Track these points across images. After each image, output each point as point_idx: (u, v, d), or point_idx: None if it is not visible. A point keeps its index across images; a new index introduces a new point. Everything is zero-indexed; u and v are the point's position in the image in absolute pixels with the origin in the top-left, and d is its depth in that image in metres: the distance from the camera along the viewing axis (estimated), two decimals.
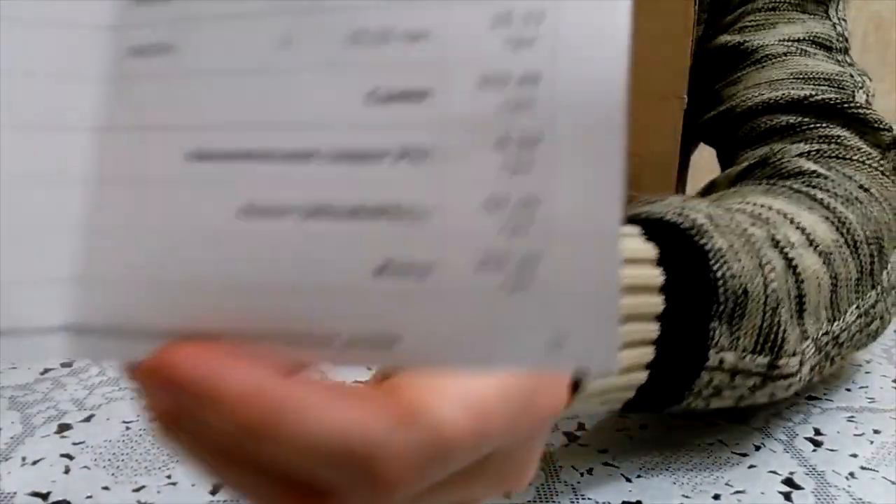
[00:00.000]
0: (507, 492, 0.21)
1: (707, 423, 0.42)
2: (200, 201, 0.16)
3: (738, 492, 0.36)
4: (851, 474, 0.38)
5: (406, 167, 0.15)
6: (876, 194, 0.43)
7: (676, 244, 0.33)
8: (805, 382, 0.38)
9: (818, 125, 0.48)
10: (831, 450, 0.40)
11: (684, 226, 0.34)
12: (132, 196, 0.16)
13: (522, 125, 0.14)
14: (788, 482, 0.37)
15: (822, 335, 0.38)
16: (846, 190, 0.42)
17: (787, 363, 0.35)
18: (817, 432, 0.42)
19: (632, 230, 0.33)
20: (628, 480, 0.37)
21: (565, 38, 0.14)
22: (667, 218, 0.34)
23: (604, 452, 0.40)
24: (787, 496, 0.36)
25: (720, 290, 0.33)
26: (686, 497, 0.36)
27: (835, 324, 0.38)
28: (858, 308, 0.40)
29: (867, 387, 0.48)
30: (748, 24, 0.54)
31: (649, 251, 0.31)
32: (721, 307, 0.33)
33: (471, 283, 0.15)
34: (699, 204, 0.36)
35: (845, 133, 0.47)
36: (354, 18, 0.15)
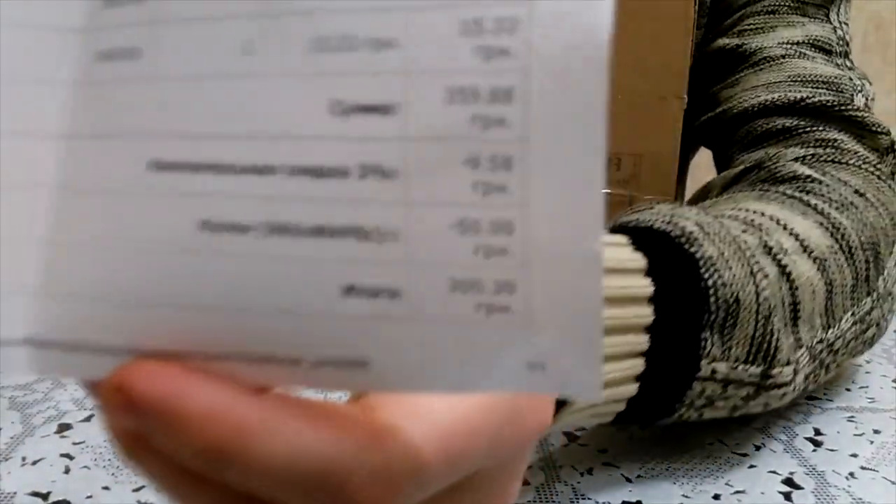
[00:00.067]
0: None
1: (707, 423, 0.42)
2: (161, 214, 0.15)
3: (738, 492, 0.36)
4: (851, 474, 0.38)
5: (371, 185, 0.14)
6: (872, 199, 0.43)
7: (666, 253, 0.32)
8: (800, 391, 0.37)
9: (815, 128, 0.47)
10: (831, 450, 0.40)
11: (673, 234, 0.33)
12: (95, 207, 0.15)
13: (494, 142, 0.13)
14: (788, 482, 0.37)
15: (817, 343, 0.37)
16: (841, 195, 0.42)
17: (781, 372, 0.34)
18: (817, 432, 0.42)
19: (620, 239, 0.32)
20: (628, 480, 0.37)
21: (540, 49, 0.13)
22: (656, 226, 0.34)
23: (604, 452, 0.39)
24: (787, 496, 0.36)
25: (711, 300, 0.32)
26: (686, 497, 0.36)
27: (829, 331, 0.38)
28: (854, 315, 0.40)
29: (867, 387, 0.48)
30: (747, 27, 0.53)
31: (638, 261, 0.31)
32: (712, 316, 0.32)
33: (443, 307, 0.14)
34: (688, 211, 0.35)
35: (842, 136, 0.47)
36: (317, 24, 0.14)
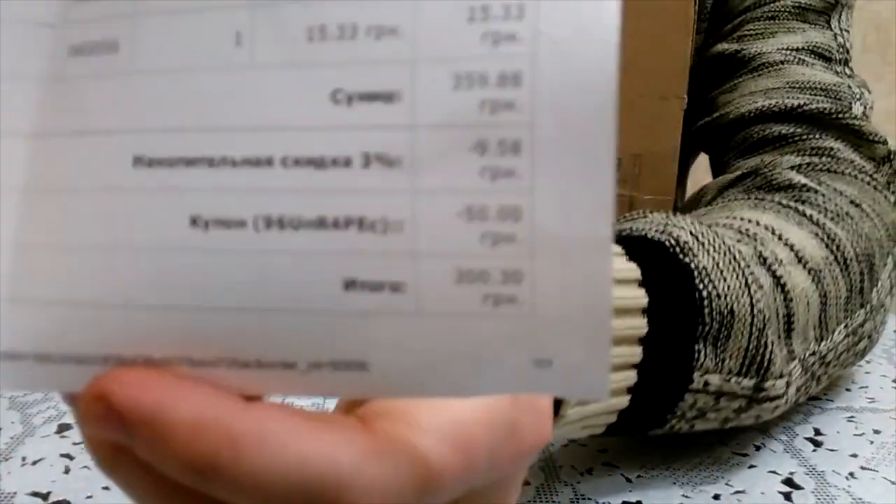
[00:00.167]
0: None
1: None
2: (147, 213, 0.14)
3: (738, 492, 0.36)
4: (851, 474, 0.38)
5: (374, 174, 0.13)
6: (867, 210, 0.42)
7: (660, 263, 0.32)
8: (791, 404, 0.37)
9: (811, 136, 0.47)
10: (831, 450, 0.40)
11: (668, 244, 0.33)
12: (71, 207, 0.15)
13: (503, 127, 0.13)
14: (788, 482, 0.37)
15: (810, 356, 0.37)
16: (837, 205, 0.41)
17: (774, 385, 0.34)
18: (817, 432, 0.42)
19: (614, 249, 0.32)
20: (628, 480, 0.37)
21: (548, 33, 0.13)
22: (650, 235, 0.34)
23: (604, 452, 0.39)
24: (787, 496, 0.36)
25: (705, 311, 0.32)
26: (686, 497, 0.36)
27: (822, 343, 0.38)
28: (847, 327, 0.39)
29: (867, 387, 0.48)
30: (747, 33, 0.53)
31: (633, 271, 0.31)
32: (706, 328, 0.32)
33: (449, 300, 0.14)
34: (683, 220, 0.35)
35: (839, 145, 0.46)
36: (314, 13, 0.14)
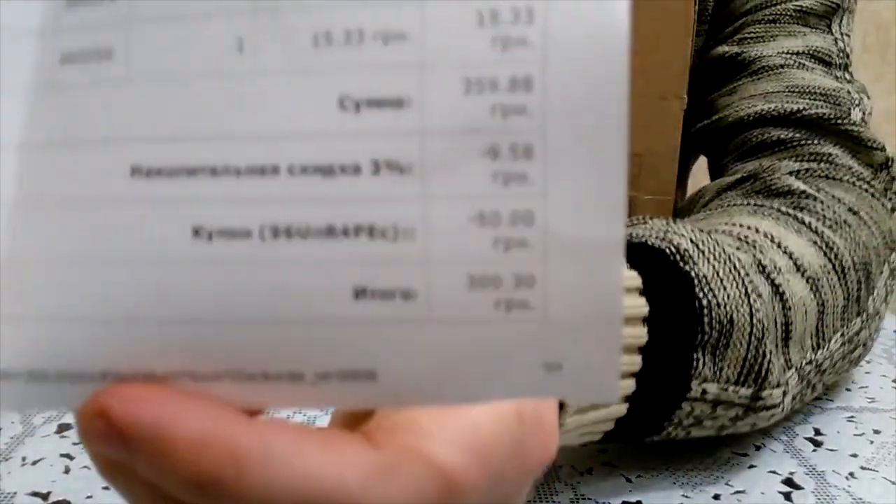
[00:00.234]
0: None
1: None
2: (146, 224, 0.14)
3: (738, 492, 0.36)
4: (851, 474, 0.38)
5: (385, 181, 0.13)
6: (865, 217, 0.42)
7: (660, 271, 0.32)
8: (787, 412, 0.37)
9: (809, 141, 0.47)
10: (831, 450, 0.40)
11: (668, 251, 0.33)
12: (64, 220, 0.14)
13: (514, 132, 0.13)
14: (788, 482, 0.37)
15: (806, 364, 0.37)
16: (835, 213, 0.41)
17: (771, 395, 0.34)
18: (817, 432, 0.42)
19: None
20: (628, 480, 0.37)
21: (558, 37, 0.13)
22: (650, 242, 0.34)
23: (604, 452, 0.39)
24: (787, 496, 0.36)
25: (705, 320, 0.32)
26: (686, 497, 0.36)
27: (819, 352, 0.38)
28: (843, 336, 0.39)
29: (867, 387, 0.48)
30: (748, 36, 0.53)
31: (634, 280, 0.31)
32: (706, 337, 0.32)
33: (461, 306, 0.13)
34: (683, 228, 0.35)
35: (837, 151, 0.46)
36: (318, 19, 0.13)
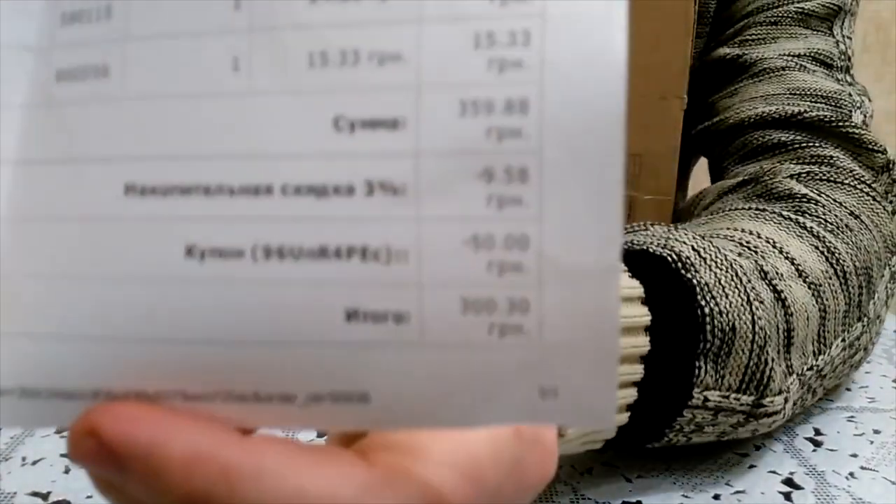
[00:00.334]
0: None
1: None
2: (139, 242, 0.14)
3: (738, 492, 0.36)
4: (851, 474, 0.38)
5: (378, 202, 0.13)
6: (866, 221, 0.42)
7: (662, 279, 0.32)
8: (788, 417, 0.37)
9: (811, 144, 0.47)
10: (831, 450, 0.40)
11: (670, 259, 0.33)
12: (57, 237, 0.14)
13: (509, 155, 0.13)
14: (788, 482, 0.37)
15: (807, 370, 0.37)
16: (837, 217, 0.41)
17: (773, 402, 0.34)
18: (817, 432, 0.42)
19: None
20: (628, 480, 0.37)
21: (555, 60, 0.13)
22: (651, 250, 0.34)
23: (604, 452, 0.39)
24: (787, 496, 0.36)
25: (707, 328, 0.32)
26: (686, 497, 0.36)
27: (820, 357, 0.38)
28: (844, 340, 0.39)
29: (867, 387, 0.48)
30: (749, 38, 0.53)
31: (636, 288, 0.31)
32: (707, 345, 0.32)
33: (454, 330, 0.13)
34: (685, 234, 0.35)
35: (838, 153, 0.46)
36: (314, 39, 0.13)
